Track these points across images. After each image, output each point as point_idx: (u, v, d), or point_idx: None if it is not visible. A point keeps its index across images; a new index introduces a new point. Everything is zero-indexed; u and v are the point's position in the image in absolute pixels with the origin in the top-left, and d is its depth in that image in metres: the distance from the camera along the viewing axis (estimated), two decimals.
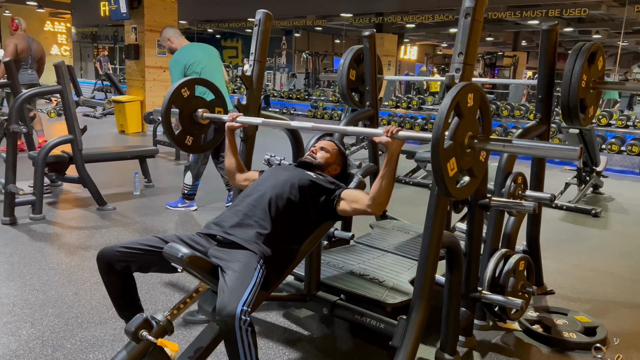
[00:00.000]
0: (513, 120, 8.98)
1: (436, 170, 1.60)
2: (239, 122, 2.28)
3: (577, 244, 4.10)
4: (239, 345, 1.53)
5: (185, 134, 2.46)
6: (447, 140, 1.62)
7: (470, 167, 1.75)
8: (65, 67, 4.01)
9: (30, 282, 2.86)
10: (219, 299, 1.60)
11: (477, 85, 1.72)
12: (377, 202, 1.92)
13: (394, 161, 1.87)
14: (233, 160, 2.34)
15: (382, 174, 1.89)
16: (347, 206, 2.02)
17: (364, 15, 15.12)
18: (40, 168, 3.93)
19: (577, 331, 2.48)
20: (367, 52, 3.24)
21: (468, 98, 1.66)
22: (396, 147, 1.84)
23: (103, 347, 2.24)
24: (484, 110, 1.77)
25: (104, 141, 8.02)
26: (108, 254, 1.82)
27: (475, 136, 1.71)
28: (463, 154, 1.68)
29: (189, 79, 2.48)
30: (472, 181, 1.78)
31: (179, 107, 2.39)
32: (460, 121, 1.65)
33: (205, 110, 2.46)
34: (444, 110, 1.58)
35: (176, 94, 2.37)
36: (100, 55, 17.62)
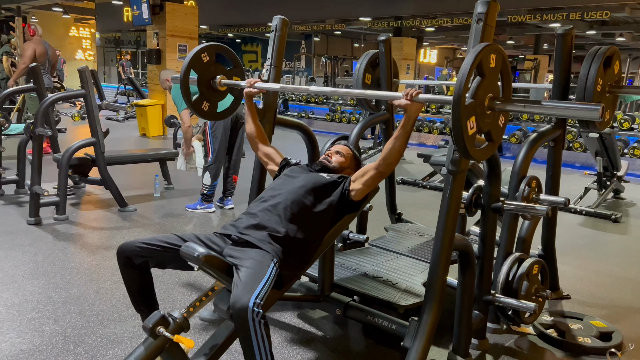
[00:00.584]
0: (533, 124, 8.89)
1: (456, 127, 1.61)
2: (258, 87, 2.32)
3: (595, 249, 4.06)
4: (253, 338, 1.58)
5: (203, 99, 2.49)
6: (469, 98, 1.63)
7: (489, 130, 1.75)
8: (89, 72, 4.12)
9: (53, 280, 2.95)
10: (233, 293, 1.64)
11: (499, 47, 1.73)
12: (387, 161, 1.96)
13: (411, 124, 1.91)
14: (253, 127, 2.39)
15: (396, 134, 1.92)
16: (358, 184, 2.06)
17: (383, 19, 15.13)
18: (64, 170, 4.05)
19: (592, 336, 2.47)
20: (383, 57, 3.27)
21: (490, 58, 1.67)
22: (415, 109, 1.87)
23: (122, 343, 2.31)
24: (505, 73, 1.78)
25: (126, 144, 8.18)
26: (128, 248, 1.88)
27: (496, 97, 1.72)
28: (483, 114, 1.69)
29: (210, 44, 2.51)
30: (490, 145, 1.79)
31: (198, 72, 2.42)
32: (482, 81, 1.66)
33: (223, 77, 2.49)
34: (467, 66, 1.59)
35: (196, 58, 2.39)
36: (123, 59, 17.95)
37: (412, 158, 7.46)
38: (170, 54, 9.23)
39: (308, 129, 2.79)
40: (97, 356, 2.20)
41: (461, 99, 1.59)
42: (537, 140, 2.54)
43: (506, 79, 1.80)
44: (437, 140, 9.45)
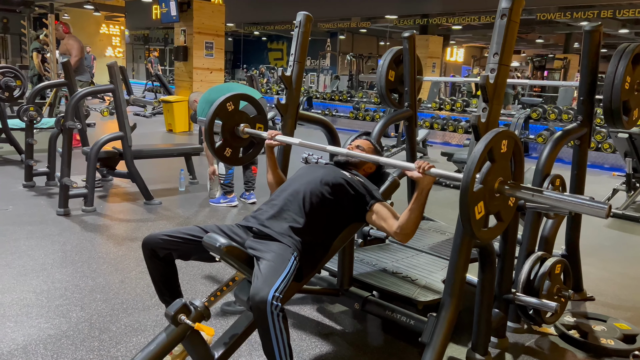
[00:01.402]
0: (561, 124, 8.72)
1: (463, 212, 1.62)
2: (278, 140, 2.35)
3: (622, 251, 3.98)
4: (271, 330, 1.61)
5: (225, 146, 2.54)
6: (477, 183, 1.63)
7: (499, 211, 1.75)
8: (118, 68, 4.22)
9: (81, 269, 3.03)
10: (253, 285, 1.67)
11: (511, 133, 1.73)
12: (404, 232, 1.95)
13: (424, 196, 1.90)
14: (272, 176, 2.40)
15: (411, 207, 1.91)
16: (376, 220, 2.06)
17: (409, 17, 15.05)
18: (93, 163, 4.15)
19: (616, 338, 2.43)
20: (407, 53, 3.26)
21: (502, 144, 1.68)
22: (427, 183, 1.87)
23: (145, 331, 2.37)
24: (517, 157, 1.79)
25: (153, 139, 8.32)
26: (152, 241, 1.93)
27: (505, 182, 1.71)
28: (492, 198, 1.69)
29: (235, 93, 2.57)
30: (499, 225, 1.79)
31: (223, 120, 2.48)
32: (492, 166, 1.66)
33: (246, 125, 2.53)
34: (477, 154, 1.60)
35: (221, 107, 2.46)
36: (151, 56, 18.25)
37: (436, 157, 7.42)
38: (197, 51, 9.35)
39: (330, 124, 2.82)
40: (121, 343, 2.26)
41: (469, 186, 1.59)
42: (562, 139, 2.51)
43: (518, 161, 1.80)
44: (462, 139, 9.36)
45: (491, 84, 1.86)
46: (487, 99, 1.87)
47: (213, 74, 9.69)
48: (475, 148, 1.63)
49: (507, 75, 1.91)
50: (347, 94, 12.87)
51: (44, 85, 5.62)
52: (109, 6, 15.54)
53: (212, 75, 9.66)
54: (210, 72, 9.61)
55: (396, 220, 1.98)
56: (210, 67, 9.63)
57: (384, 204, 2.08)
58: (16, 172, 5.49)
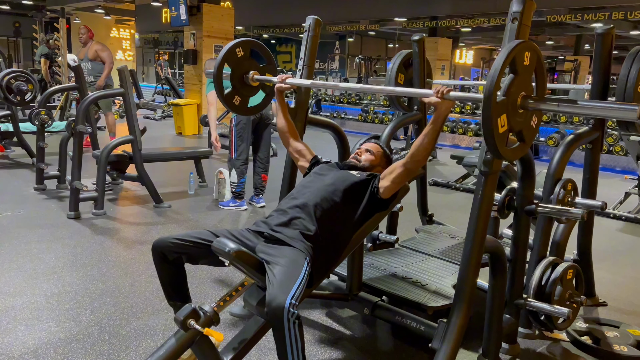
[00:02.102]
0: (571, 127, 8.65)
1: (486, 125, 1.57)
2: (288, 83, 2.35)
3: (635, 256, 3.93)
4: (287, 337, 1.60)
5: (234, 94, 2.52)
6: (500, 95, 1.59)
7: (521, 130, 1.71)
8: (128, 71, 4.24)
9: (91, 273, 3.05)
10: (269, 291, 1.66)
11: (534, 44, 1.68)
12: (415, 158, 1.95)
13: (441, 121, 1.90)
14: (284, 122, 2.41)
15: (426, 131, 1.91)
16: (387, 182, 2.07)
17: (418, 19, 15.01)
18: (103, 166, 4.17)
19: (629, 344, 2.39)
20: (416, 56, 3.25)
21: (525, 56, 1.63)
22: (445, 107, 1.86)
23: (155, 335, 2.37)
24: (539, 72, 1.73)
25: (162, 142, 8.37)
26: (162, 244, 1.93)
27: (529, 96, 1.68)
28: (515, 112, 1.65)
29: (244, 39, 2.55)
30: (521, 145, 1.74)
31: (232, 66, 2.46)
32: (515, 78, 1.62)
33: (256, 73, 2.52)
34: (500, 62, 1.56)
35: (230, 52, 2.43)
36: (161, 60, 18.35)
37: (446, 160, 7.38)
38: (206, 55, 9.39)
39: (339, 128, 2.81)
40: (130, 347, 2.27)
41: (492, 96, 1.56)
42: (574, 142, 2.48)
43: (540, 77, 1.76)
44: (472, 142, 9.32)
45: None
46: None
47: None
48: (498, 57, 1.59)
49: None
50: (356, 97, 12.85)
51: (56, 89, 5.66)
52: (119, 10, 15.66)
53: None
54: None
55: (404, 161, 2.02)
56: None
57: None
58: (27, 175, 5.54)
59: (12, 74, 5.41)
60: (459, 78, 20.71)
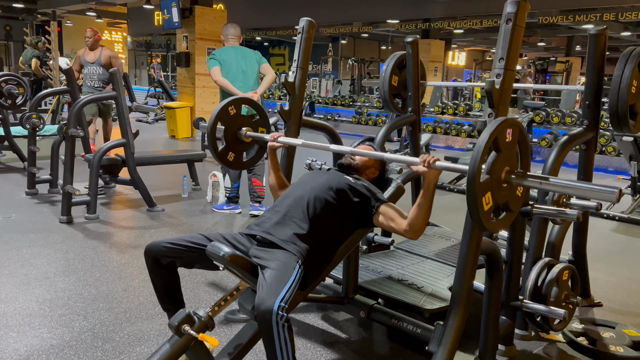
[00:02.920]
0: (564, 128, 8.70)
1: (471, 204, 1.59)
2: (280, 142, 2.33)
3: (629, 256, 3.94)
4: (276, 341, 1.58)
5: (228, 150, 2.53)
6: (484, 174, 1.60)
7: (507, 202, 1.72)
8: (120, 75, 4.21)
9: (83, 278, 3.02)
10: (258, 294, 1.65)
11: (516, 121, 1.70)
12: (413, 229, 1.94)
13: (431, 191, 1.89)
14: (275, 181, 2.39)
15: (419, 202, 1.90)
16: (384, 222, 2.04)
17: (411, 22, 15.05)
18: (95, 170, 4.14)
19: (625, 345, 2.39)
20: (410, 58, 3.24)
21: (507, 133, 1.64)
22: (433, 177, 1.85)
23: (149, 341, 2.34)
24: (523, 146, 1.75)
25: (155, 145, 8.32)
26: (155, 249, 1.91)
27: (512, 171, 1.69)
28: (499, 188, 1.66)
29: (236, 97, 2.56)
30: (508, 215, 1.76)
31: (225, 124, 2.47)
32: (498, 155, 1.63)
33: (249, 129, 2.52)
34: (482, 144, 1.56)
35: (223, 111, 2.45)
36: (154, 62, 18.29)
37: None
38: (199, 57, 9.36)
39: (333, 130, 2.80)
40: (124, 353, 2.24)
41: (476, 177, 1.56)
42: (568, 143, 2.49)
43: (524, 151, 1.76)
44: (465, 144, 9.34)
45: (497, 89, 1.84)
46: (493, 105, 1.85)
47: None
48: (480, 138, 1.59)
49: (513, 80, 1.88)
50: (350, 99, 12.86)
51: (47, 93, 5.62)
52: (111, 13, 15.60)
53: None
54: None
55: (404, 219, 1.97)
56: None
57: (390, 205, 2.07)
58: (19, 179, 5.49)
59: (3, 77, 5.37)
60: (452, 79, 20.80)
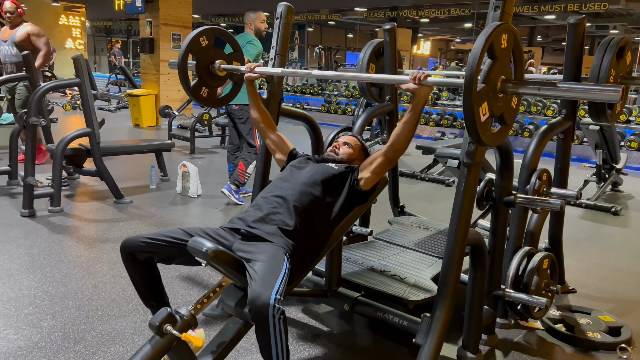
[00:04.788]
0: (529, 117, 8.86)
1: (468, 116, 1.54)
2: (258, 72, 2.24)
3: (597, 242, 4.04)
4: (271, 334, 1.52)
5: (201, 85, 2.41)
6: (480, 83, 1.56)
7: (502, 113, 1.68)
8: (84, 60, 4.02)
9: (50, 274, 2.87)
10: (252, 287, 1.57)
11: (511, 26, 1.64)
12: (395, 147, 1.91)
13: (420, 108, 1.86)
14: (258, 113, 2.31)
15: (405, 119, 1.87)
16: (367, 173, 2.02)
17: (379, 10, 15.03)
18: (59, 161, 3.95)
19: (601, 331, 2.44)
20: (388, 46, 3.20)
21: (502, 39, 1.59)
22: (424, 93, 1.81)
23: (124, 340, 2.24)
24: (517, 54, 1.70)
25: (119, 135, 8.06)
26: (131, 244, 1.81)
27: (508, 80, 1.65)
28: (495, 98, 1.62)
29: (208, 27, 2.44)
30: (503, 128, 1.72)
31: (197, 56, 2.35)
32: (494, 63, 1.58)
33: (222, 62, 2.41)
34: (478, 50, 1.51)
35: (194, 42, 2.31)
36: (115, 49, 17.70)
37: (410, 150, 7.39)
38: (164, 43, 9.09)
39: (313, 120, 2.73)
40: (98, 353, 2.14)
41: (473, 85, 1.51)
42: (548, 132, 2.49)
43: (518, 59, 1.71)
44: (433, 132, 9.41)
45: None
46: None
47: None
48: (476, 44, 1.54)
49: None
50: (319, 87, 12.77)
51: (3, 80, 5.31)
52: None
53: None
54: None
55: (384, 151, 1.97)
56: None
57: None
58: None
59: None
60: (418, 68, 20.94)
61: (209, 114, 7.12)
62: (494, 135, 1.68)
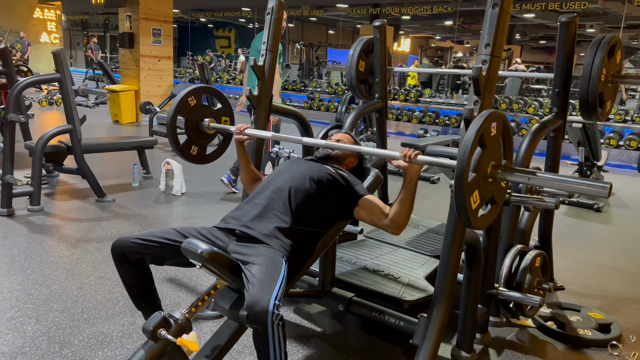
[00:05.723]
0: (511, 114, 8.96)
1: (460, 205, 1.54)
2: (247, 134, 2.19)
3: (582, 239, 4.09)
4: (270, 340, 1.49)
5: (191, 144, 2.39)
6: (471, 173, 1.55)
7: (492, 196, 1.68)
8: (65, 55, 3.90)
9: (32, 276, 2.78)
10: (250, 292, 1.53)
11: (500, 113, 1.65)
12: (396, 224, 1.87)
13: (413, 185, 1.83)
14: (247, 173, 2.24)
15: (401, 197, 1.84)
16: (365, 216, 1.97)
17: (361, 7, 15.00)
18: (39, 158, 3.84)
19: (592, 328, 2.46)
20: (378, 43, 3.17)
21: (491, 127, 1.59)
22: (415, 171, 1.80)
23: (112, 343, 2.18)
24: (507, 138, 1.71)
25: (99, 131, 7.89)
26: (122, 245, 1.75)
27: (498, 165, 1.65)
28: (486, 184, 1.62)
29: (197, 86, 2.42)
30: (494, 208, 1.73)
31: (185, 116, 2.32)
32: (484, 151, 1.58)
33: (211, 120, 2.38)
34: (468, 143, 1.50)
35: (183, 103, 2.29)
36: (92, 43, 17.35)
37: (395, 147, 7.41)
38: (144, 38, 8.93)
39: (303, 117, 2.69)
40: (85, 357, 2.07)
41: (464, 178, 1.51)
42: (540, 131, 2.50)
43: (508, 143, 1.72)
44: (416, 130, 9.45)
45: (484, 75, 1.79)
46: (479, 92, 1.80)
47: (161, 62, 9.30)
48: (466, 136, 1.54)
49: (499, 66, 1.85)
50: (301, 84, 12.71)
51: None
52: None
53: (161, 64, 9.27)
54: (158, 60, 9.22)
55: (385, 214, 1.90)
56: (158, 54, 9.23)
57: (371, 197, 2.00)
58: None
59: None
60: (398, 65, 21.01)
61: None
62: (484, 217, 1.68)
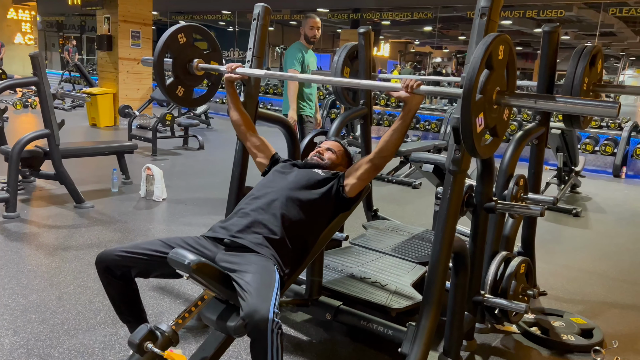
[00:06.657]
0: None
1: (465, 125, 1.52)
2: (239, 73, 2.17)
3: (562, 243, 4.15)
4: (269, 349, 1.46)
5: (177, 84, 2.32)
6: (477, 94, 1.55)
7: (495, 125, 1.68)
8: (43, 58, 3.81)
9: (9, 286, 2.69)
10: (248, 301, 1.50)
11: (508, 37, 1.64)
12: (382, 154, 1.89)
13: (411, 117, 1.85)
14: (238, 115, 2.22)
15: (395, 126, 1.85)
16: (353, 179, 1.98)
17: (341, 11, 15.06)
18: (15, 164, 3.74)
19: (575, 333, 2.48)
20: (362, 49, 3.17)
21: (500, 50, 1.59)
22: (416, 102, 1.80)
23: (93, 355, 2.12)
24: (511, 65, 1.70)
25: (76, 135, 7.74)
26: (107, 258, 1.71)
27: (503, 91, 1.64)
28: (490, 109, 1.61)
29: (188, 24, 2.35)
30: (495, 140, 1.72)
31: (174, 54, 2.26)
32: (491, 74, 1.57)
33: (200, 61, 2.33)
34: (477, 60, 1.50)
35: (172, 38, 2.22)
36: (69, 45, 17.04)
37: None
38: (122, 40, 8.80)
39: (289, 123, 2.67)
40: None
41: (472, 95, 1.51)
42: (524, 138, 2.52)
43: (512, 70, 1.73)
44: None
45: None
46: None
47: (140, 65, 9.16)
48: (475, 53, 1.54)
49: None
50: (282, 87, 12.65)
51: None
52: None
53: (140, 67, 9.13)
54: (137, 63, 9.07)
55: (369, 158, 1.95)
56: (138, 57, 9.08)
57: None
58: None
59: None
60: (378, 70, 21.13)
61: (171, 114, 6.92)
62: (487, 146, 1.68)
